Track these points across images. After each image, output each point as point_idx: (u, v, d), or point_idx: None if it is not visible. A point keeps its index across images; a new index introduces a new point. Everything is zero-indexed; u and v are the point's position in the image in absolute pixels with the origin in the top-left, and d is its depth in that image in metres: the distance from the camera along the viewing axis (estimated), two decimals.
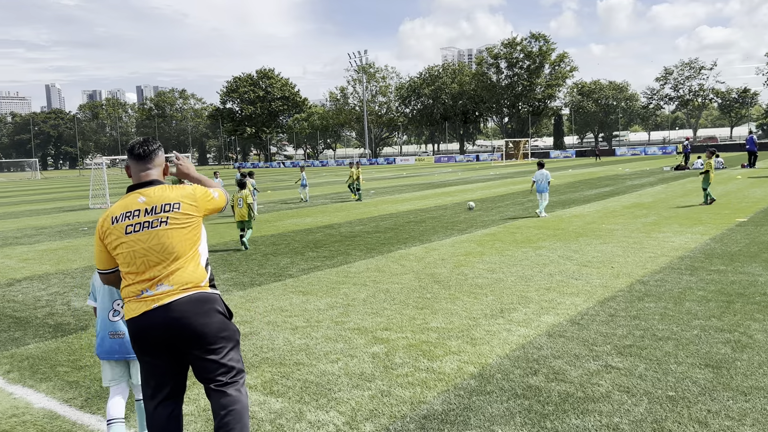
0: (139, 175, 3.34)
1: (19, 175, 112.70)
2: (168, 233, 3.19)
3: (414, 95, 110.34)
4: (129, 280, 3.22)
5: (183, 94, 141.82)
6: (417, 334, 6.09)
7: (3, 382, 5.30)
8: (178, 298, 3.15)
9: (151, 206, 3.21)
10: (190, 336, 3.16)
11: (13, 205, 29.82)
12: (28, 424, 4.42)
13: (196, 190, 3.35)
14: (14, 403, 4.81)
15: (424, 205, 20.02)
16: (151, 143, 3.39)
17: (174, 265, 3.19)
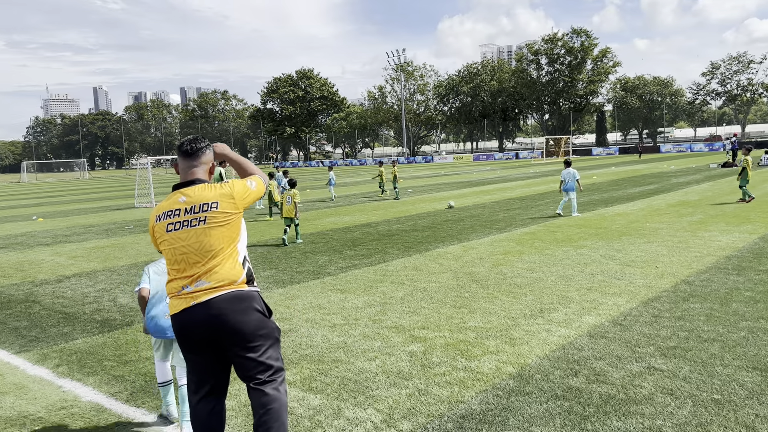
0: (186, 173, 3.40)
1: (69, 175, 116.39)
2: (206, 232, 3.23)
3: (452, 93, 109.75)
4: (171, 276, 3.32)
5: (225, 95, 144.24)
6: (455, 333, 6.07)
7: (53, 375, 5.49)
8: (216, 296, 3.19)
9: (190, 206, 3.27)
10: (228, 333, 3.19)
11: (63, 204, 30.81)
12: (76, 416, 4.57)
13: (234, 188, 3.37)
14: (63, 396, 4.98)
15: (462, 204, 19.91)
16: (199, 141, 3.45)
17: (212, 262, 3.22)
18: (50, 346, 6.38)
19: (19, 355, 6.10)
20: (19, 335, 6.83)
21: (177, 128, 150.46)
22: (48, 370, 5.63)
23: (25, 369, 5.68)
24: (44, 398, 4.95)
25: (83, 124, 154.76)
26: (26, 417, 4.59)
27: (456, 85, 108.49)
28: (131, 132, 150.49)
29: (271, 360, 3.29)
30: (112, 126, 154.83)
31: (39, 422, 4.48)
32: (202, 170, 3.42)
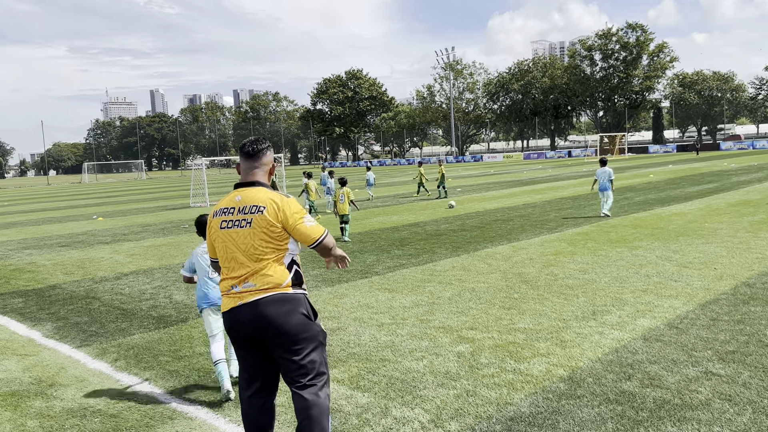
0: (246, 173, 3.44)
1: (127, 175, 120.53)
2: (252, 234, 3.27)
3: (502, 91, 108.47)
4: (223, 275, 3.39)
5: (276, 97, 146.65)
6: (503, 335, 6.00)
7: (111, 369, 5.70)
8: (260, 298, 3.24)
9: (243, 206, 3.32)
10: (272, 335, 3.23)
11: (122, 204, 31.92)
12: (133, 409, 4.73)
13: (289, 204, 3.33)
14: (121, 389, 5.16)
15: (511, 203, 19.66)
16: (260, 143, 3.48)
17: (257, 264, 3.27)
18: (109, 341, 6.62)
19: (80, 350, 6.35)
20: (80, 330, 7.11)
21: (230, 130, 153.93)
22: (107, 364, 5.85)
23: (86, 363, 5.92)
24: (103, 391, 5.14)
25: (141, 126, 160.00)
26: (86, 409, 4.78)
27: (506, 82, 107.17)
28: (186, 134, 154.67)
29: (313, 364, 3.30)
30: (168, 128, 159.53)
31: (98, 414, 4.66)
32: (263, 171, 3.46)
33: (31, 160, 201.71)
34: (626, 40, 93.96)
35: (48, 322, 7.56)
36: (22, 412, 4.78)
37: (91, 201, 36.79)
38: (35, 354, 6.28)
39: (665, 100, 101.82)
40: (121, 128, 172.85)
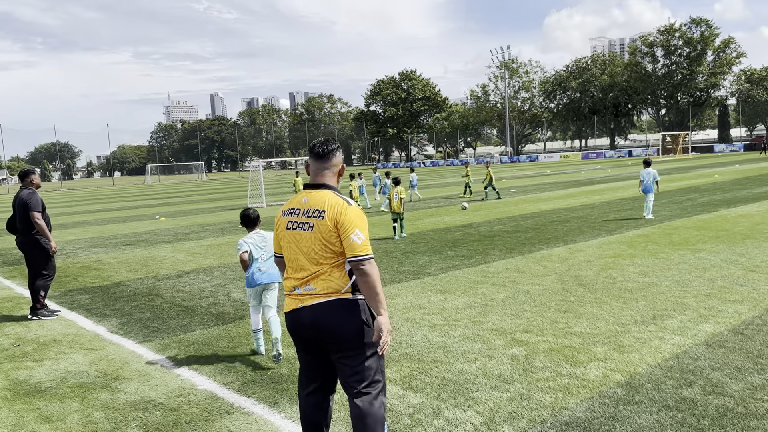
0: (315, 175, 3.42)
1: (188, 177, 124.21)
2: (312, 237, 3.27)
3: (560, 89, 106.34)
4: (287, 273, 3.43)
5: (330, 99, 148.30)
6: (559, 338, 5.90)
7: (171, 364, 5.90)
8: (319, 302, 3.26)
9: (307, 208, 3.32)
10: (330, 339, 3.26)
11: (183, 204, 32.93)
12: (192, 403, 4.89)
13: (347, 211, 3.26)
14: (181, 384, 5.34)
15: (568, 204, 19.27)
16: (330, 143, 3.46)
17: (318, 268, 3.27)
18: (170, 336, 6.85)
19: (143, 345, 6.60)
20: (143, 326, 7.39)
21: (286, 132, 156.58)
22: (168, 359, 6.06)
23: (148, 357, 6.15)
24: (164, 385, 5.33)
25: (201, 129, 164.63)
26: (148, 402, 4.97)
27: (563, 80, 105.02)
28: (244, 136, 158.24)
29: (369, 370, 3.29)
30: (227, 130, 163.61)
31: (159, 407, 4.84)
32: (331, 173, 3.44)
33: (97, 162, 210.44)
34: (690, 35, 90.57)
35: (113, 318, 7.89)
36: (88, 403, 5.01)
37: (154, 201, 38.10)
38: (101, 348, 6.57)
39: (731, 98, 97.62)
40: (183, 131, 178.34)
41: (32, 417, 4.78)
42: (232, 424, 4.45)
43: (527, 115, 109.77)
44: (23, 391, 5.38)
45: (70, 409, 4.90)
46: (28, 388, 5.43)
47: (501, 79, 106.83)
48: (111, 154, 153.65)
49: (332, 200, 3.28)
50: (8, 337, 7.22)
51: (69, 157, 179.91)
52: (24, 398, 5.19)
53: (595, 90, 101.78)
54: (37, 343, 6.89)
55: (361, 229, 3.25)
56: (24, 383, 5.57)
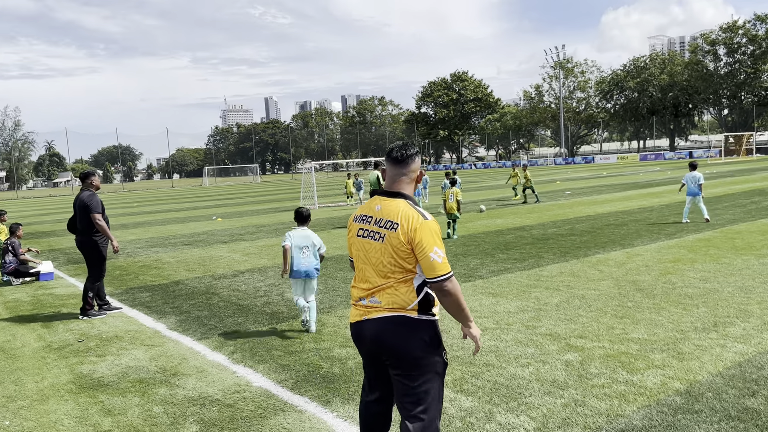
0: (391, 181, 3.24)
1: (243, 179, 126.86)
2: (382, 249, 3.12)
3: (616, 89, 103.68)
4: (354, 282, 3.31)
5: (382, 101, 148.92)
6: (615, 345, 5.76)
7: (228, 361, 6.05)
8: (383, 317, 3.12)
9: (380, 217, 3.16)
10: (389, 356, 3.14)
11: (238, 206, 33.68)
12: (248, 400, 5.01)
13: (424, 226, 3.05)
14: (237, 381, 5.47)
15: (626, 207, 18.77)
16: (409, 148, 3.27)
17: (386, 281, 3.12)
18: (226, 334, 7.03)
19: (201, 342, 6.79)
20: (200, 324, 7.61)
21: (338, 134, 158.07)
22: (224, 356, 6.21)
23: (205, 354, 6.32)
24: (221, 381, 5.47)
25: (256, 132, 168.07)
26: (205, 398, 5.11)
27: (621, 80, 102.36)
28: (297, 139, 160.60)
29: (426, 395, 3.10)
30: (281, 133, 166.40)
31: (216, 403, 4.97)
32: (409, 179, 3.24)
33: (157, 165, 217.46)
34: (754, 32, 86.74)
35: (172, 315, 8.14)
36: (148, 398, 5.19)
37: (211, 203, 39.10)
38: (160, 345, 6.79)
39: None
40: (238, 134, 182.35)
41: (95, 410, 4.98)
42: (286, 421, 4.54)
43: (583, 116, 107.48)
44: (87, 384, 5.62)
45: (130, 403, 5.09)
46: (91, 382, 5.67)
47: (555, 79, 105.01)
48: (170, 157, 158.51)
49: (407, 212, 3.09)
50: (73, 333, 7.55)
51: (130, 160, 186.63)
52: (88, 392, 5.42)
53: (654, 90, 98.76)
54: (100, 339, 7.18)
55: (440, 246, 3.05)
56: (88, 377, 5.82)
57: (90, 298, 8.32)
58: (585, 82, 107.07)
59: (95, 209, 8.18)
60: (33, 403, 5.22)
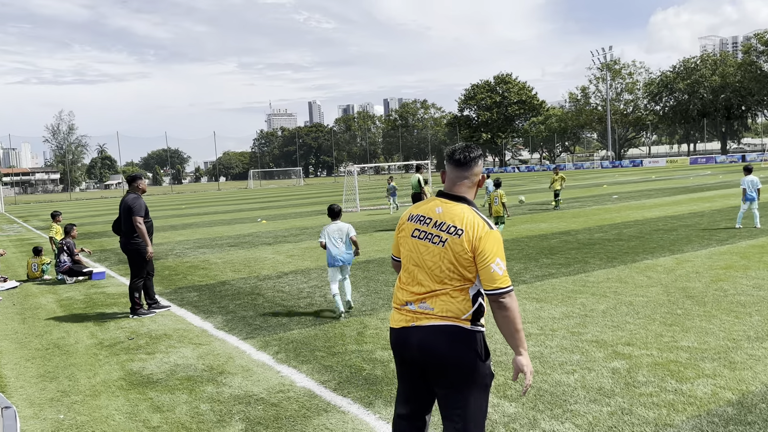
0: (452, 184, 3.11)
1: (286, 182, 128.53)
2: (442, 253, 2.97)
3: (666, 91, 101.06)
4: (400, 284, 3.15)
5: (424, 104, 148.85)
6: (664, 353, 5.62)
7: (273, 361, 6.15)
8: (435, 325, 2.95)
9: (441, 221, 3.01)
10: (437, 367, 2.98)
11: (282, 208, 34.13)
12: (292, 399, 5.08)
13: (489, 236, 2.93)
14: (281, 380, 5.55)
15: (675, 212, 18.27)
16: (472, 150, 3.13)
17: (441, 288, 2.97)
18: (271, 334, 7.14)
19: (246, 341, 6.92)
20: (246, 323, 7.74)
21: (380, 137, 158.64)
22: (269, 356, 6.31)
23: (250, 354, 6.44)
24: (265, 381, 5.57)
25: (299, 135, 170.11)
26: (250, 396, 5.20)
27: (670, 82, 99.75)
28: (339, 142, 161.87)
29: (473, 408, 2.96)
30: (324, 137, 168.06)
31: (261, 402, 5.06)
32: (471, 183, 3.10)
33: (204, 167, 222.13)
34: None
35: (218, 315, 8.32)
36: (196, 395, 5.32)
37: (256, 205, 39.72)
38: (207, 343, 6.94)
39: None
40: (282, 138, 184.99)
41: (145, 406, 5.13)
42: (329, 421, 4.58)
43: (630, 118, 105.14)
44: (137, 381, 5.79)
45: (178, 400, 5.23)
46: (141, 379, 5.84)
47: (602, 81, 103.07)
48: (217, 160, 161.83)
49: (472, 219, 2.95)
50: (124, 331, 7.78)
51: (179, 163, 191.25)
52: (138, 388, 5.59)
53: (705, 91, 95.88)
54: (150, 337, 7.38)
55: (502, 258, 2.93)
56: (137, 374, 6.00)
57: (136, 297, 8.55)
58: (633, 83, 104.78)
59: (138, 212, 8.37)
60: (86, 398, 5.41)
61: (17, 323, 8.52)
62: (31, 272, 12.37)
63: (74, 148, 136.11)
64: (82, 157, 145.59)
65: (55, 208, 18.93)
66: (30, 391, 5.64)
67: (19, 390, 5.70)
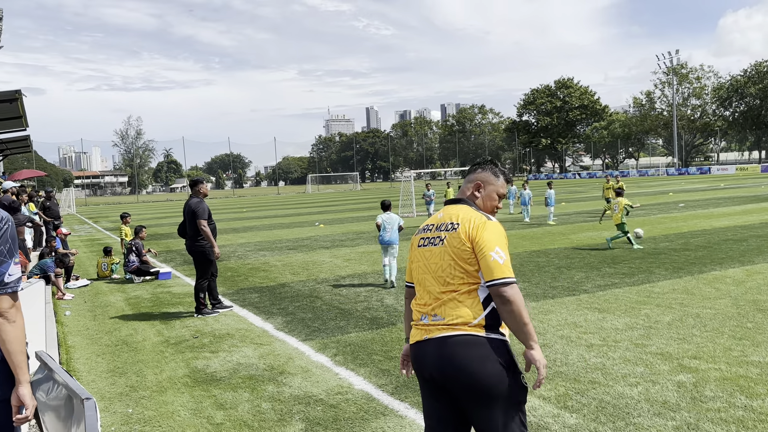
0: (462, 189, 3.13)
1: (344, 186, 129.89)
2: (442, 252, 2.85)
3: (736, 95, 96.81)
4: (416, 300, 3.01)
5: (482, 109, 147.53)
6: (733, 367, 5.40)
7: (331, 363, 6.24)
8: (447, 336, 2.75)
9: (441, 223, 2.95)
10: (460, 385, 2.72)
11: (339, 213, 34.52)
12: (350, 402, 5.14)
13: (487, 226, 2.82)
14: (340, 383, 5.63)
15: (746, 221, 17.48)
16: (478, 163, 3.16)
17: (448, 295, 2.80)
18: (329, 336, 7.25)
19: (305, 343, 7.05)
20: (305, 325, 7.88)
21: (436, 143, 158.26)
22: (327, 358, 6.41)
23: (310, 355, 6.55)
24: (324, 382, 5.66)
25: (357, 141, 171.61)
26: (310, 397, 5.30)
27: (741, 86, 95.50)
28: (396, 147, 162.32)
29: (501, 428, 2.70)
30: (381, 142, 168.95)
31: (320, 403, 5.15)
32: (471, 187, 3.08)
33: (264, 172, 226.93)
34: None
35: (279, 316, 8.50)
36: (257, 394, 5.45)
37: (314, 209, 40.31)
38: (268, 344, 7.11)
39: None
40: (340, 143, 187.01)
41: (209, 403, 5.30)
42: (387, 425, 4.62)
43: (698, 124, 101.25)
44: (201, 379, 5.98)
45: (241, 398, 5.37)
46: (205, 377, 6.03)
47: (668, 86, 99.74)
48: (276, 165, 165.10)
49: (469, 214, 2.89)
50: (189, 329, 8.05)
51: (240, 167, 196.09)
52: (202, 385, 5.78)
53: None
54: (213, 336, 7.61)
55: (503, 248, 2.77)
56: (202, 372, 6.20)
57: (201, 297, 8.83)
58: (701, 88, 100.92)
59: (201, 215, 8.65)
60: (152, 393, 5.63)
61: (88, 320, 8.94)
62: (101, 271, 12.95)
63: (142, 152, 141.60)
64: (149, 161, 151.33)
65: (123, 210, 19.76)
66: (101, 385, 5.92)
67: (91, 384, 5.98)
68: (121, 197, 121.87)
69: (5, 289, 2.47)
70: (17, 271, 2.53)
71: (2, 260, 2.47)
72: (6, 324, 2.46)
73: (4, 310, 2.46)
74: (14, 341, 2.47)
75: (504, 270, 2.70)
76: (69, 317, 9.14)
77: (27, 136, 27.13)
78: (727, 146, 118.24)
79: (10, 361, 2.47)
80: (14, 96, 13.35)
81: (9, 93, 13.20)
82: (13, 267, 2.50)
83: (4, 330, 2.45)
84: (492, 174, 3.10)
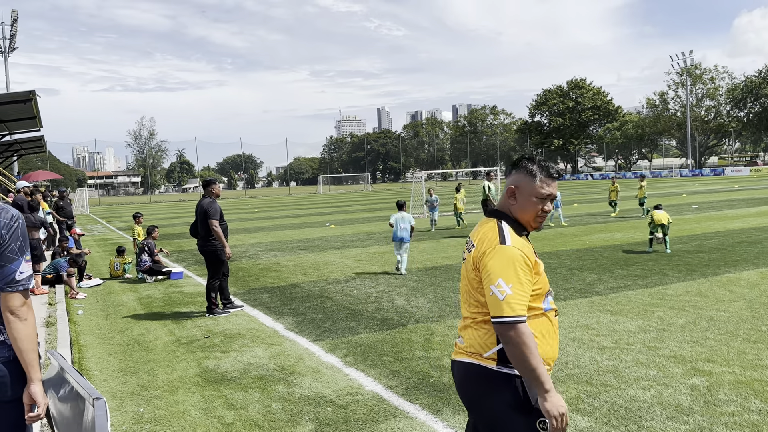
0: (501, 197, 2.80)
1: (354, 187, 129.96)
2: (462, 276, 2.69)
3: (751, 96, 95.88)
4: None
5: (494, 110, 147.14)
6: (747, 371, 5.34)
7: (341, 364, 6.23)
8: (461, 361, 2.63)
9: (469, 239, 2.71)
10: (469, 407, 2.65)
11: (350, 213, 34.55)
12: (360, 403, 5.13)
13: (490, 257, 2.48)
14: (350, 383, 5.62)
15: (760, 223, 17.30)
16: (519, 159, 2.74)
17: (468, 320, 2.63)
18: (339, 337, 7.24)
19: (315, 343, 7.05)
20: (315, 326, 7.89)
21: (447, 144, 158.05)
22: (337, 358, 6.41)
23: (320, 356, 6.55)
24: (334, 383, 5.65)
25: (368, 141, 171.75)
26: (320, 398, 5.30)
27: (756, 87, 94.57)
28: (407, 148, 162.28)
29: None
30: (392, 143, 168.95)
31: (330, 404, 5.14)
32: (506, 194, 2.69)
33: (275, 173, 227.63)
34: None
35: (289, 317, 8.51)
36: (268, 394, 5.46)
37: (325, 210, 40.38)
38: (279, 344, 7.12)
39: None
40: (351, 144, 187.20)
41: (219, 403, 5.31)
42: (397, 426, 4.60)
43: (712, 125, 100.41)
44: (212, 378, 6.00)
45: (251, 398, 5.38)
46: (216, 377, 6.04)
47: (682, 86, 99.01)
48: (288, 165, 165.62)
49: (487, 232, 2.58)
50: (200, 329, 8.08)
51: (252, 168, 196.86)
52: (212, 385, 5.79)
53: None
54: (224, 336, 7.63)
55: (507, 279, 2.41)
56: (213, 371, 6.21)
57: (212, 297, 8.86)
58: (715, 89, 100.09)
59: (213, 216, 8.68)
60: (164, 393, 5.65)
61: (101, 319, 9.00)
62: (113, 271, 13.03)
63: (154, 152, 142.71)
64: (162, 162, 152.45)
65: (136, 210, 19.89)
66: (112, 384, 5.95)
67: (103, 383, 6.01)
68: (134, 197, 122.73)
69: (16, 286, 2.48)
70: (28, 269, 2.54)
71: (13, 258, 2.49)
72: (18, 322, 2.47)
73: (15, 308, 2.47)
74: (26, 339, 2.48)
75: (503, 308, 2.38)
76: (81, 316, 9.21)
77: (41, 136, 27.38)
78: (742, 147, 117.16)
79: (22, 359, 2.49)
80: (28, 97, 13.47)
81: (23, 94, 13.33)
82: (24, 265, 2.51)
83: (16, 328, 2.46)
84: (527, 174, 2.62)
